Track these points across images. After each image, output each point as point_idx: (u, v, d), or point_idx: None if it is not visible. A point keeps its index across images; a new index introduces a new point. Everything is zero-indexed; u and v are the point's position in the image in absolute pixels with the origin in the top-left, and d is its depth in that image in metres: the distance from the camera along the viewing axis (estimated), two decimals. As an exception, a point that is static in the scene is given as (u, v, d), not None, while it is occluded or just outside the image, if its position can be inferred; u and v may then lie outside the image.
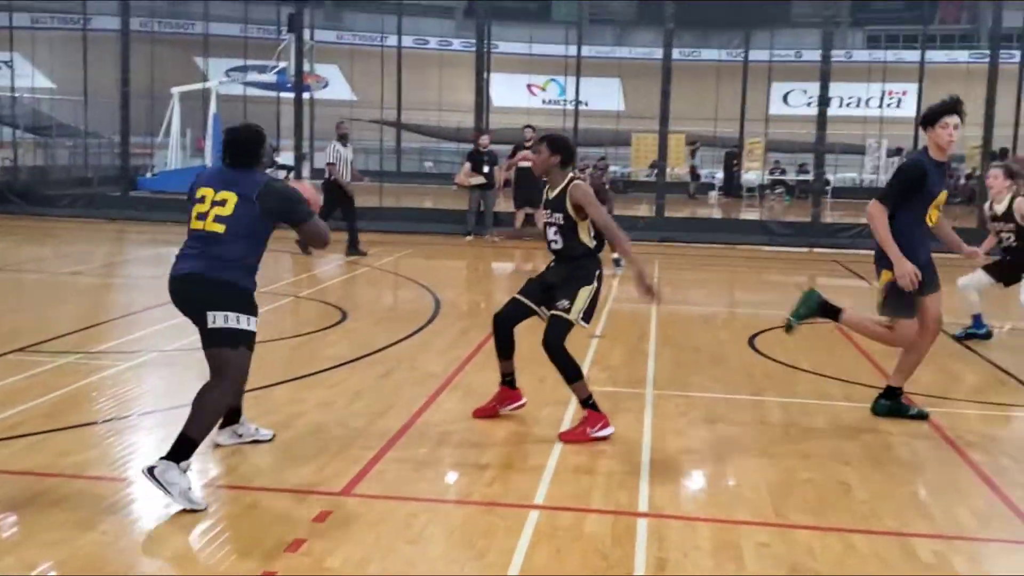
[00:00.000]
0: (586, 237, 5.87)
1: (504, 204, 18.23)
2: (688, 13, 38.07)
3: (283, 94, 28.74)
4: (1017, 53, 33.62)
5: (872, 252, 6.31)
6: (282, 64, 28.17)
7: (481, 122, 18.26)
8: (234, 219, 4.86)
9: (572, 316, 5.82)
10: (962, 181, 30.65)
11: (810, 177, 23.49)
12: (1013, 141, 31.95)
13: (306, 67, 29.15)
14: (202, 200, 4.94)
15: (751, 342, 8.85)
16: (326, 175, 14.47)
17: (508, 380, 6.24)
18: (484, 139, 16.74)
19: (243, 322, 4.91)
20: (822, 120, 18.00)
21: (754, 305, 11.75)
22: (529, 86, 42.47)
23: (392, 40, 36.96)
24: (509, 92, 41.72)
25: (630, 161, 35.83)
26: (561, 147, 5.95)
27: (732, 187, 31.40)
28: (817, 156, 18.78)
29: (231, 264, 4.89)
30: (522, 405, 6.28)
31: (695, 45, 43.55)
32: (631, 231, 17.64)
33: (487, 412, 6.21)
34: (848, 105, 42.09)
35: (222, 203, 4.89)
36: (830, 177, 33.27)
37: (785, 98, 43.88)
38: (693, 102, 36.55)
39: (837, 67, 40.55)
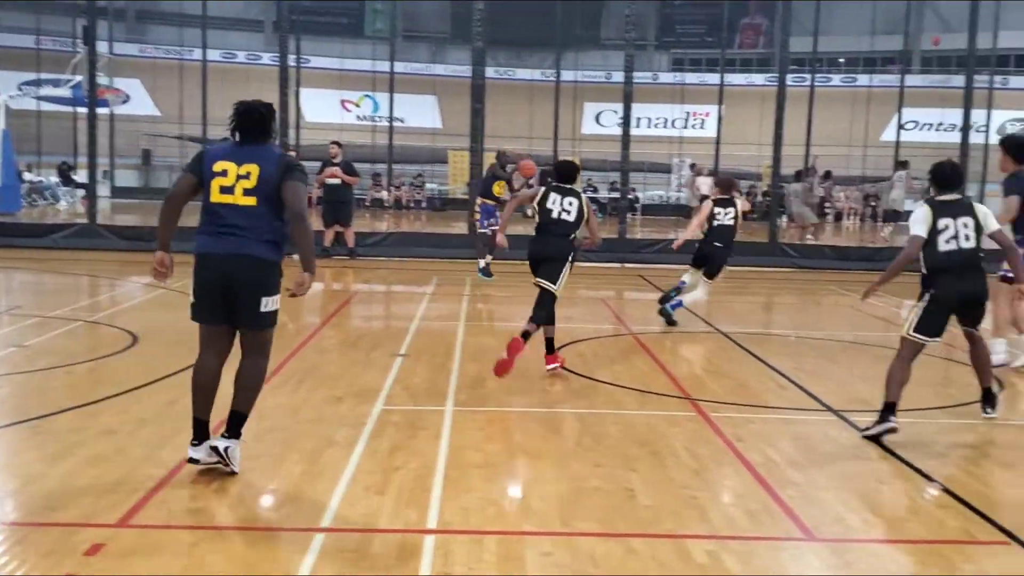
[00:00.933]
0: None
1: (315, 223, 17.95)
2: (501, 32, 38.78)
3: (80, 109, 27.40)
4: (808, 77, 35.85)
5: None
6: (77, 78, 26.84)
7: (287, 138, 17.93)
8: (261, 190, 5.05)
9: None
10: (758, 199, 32.39)
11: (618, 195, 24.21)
12: (804, 160, 33.99)
13: (104, 81, 27.93)
14: (224, 174, 5.07)
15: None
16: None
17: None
18: (289, 156, 16.46)
19: (278, 303, 5.26)
20: (626, 140, 18.56)
21: (560, 320, 11.93)
22: (343, 102, 42.08)
23: (198, 54, 35.89)
24: (323, 108, 41.25)
25: (447, 179, 36.10)
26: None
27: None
28: (623, 175, 19.38)
29: (271, 242, 5.12)
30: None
31: (509, 64, 44.36)
32: (446, 248, 17.72)
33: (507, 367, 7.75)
34: (656, 125, 43.78)
35: (247, 176, 5.07)
36: (639, 194, 34.56)
37: (597, 118, 45.21)
38: (508, 120, 37.15)
39: (644, 88, 42.23)
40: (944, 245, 6.56)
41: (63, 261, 16.13)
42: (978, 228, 6.61)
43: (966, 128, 18.72)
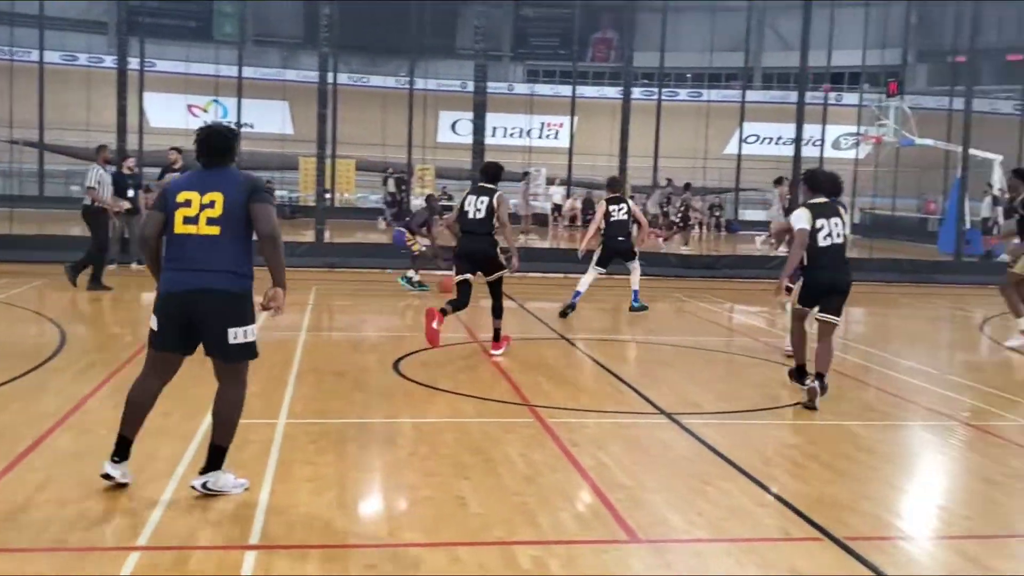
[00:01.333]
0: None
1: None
2: (355, 38, 38.44)
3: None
4: (655, 90, 36.91)
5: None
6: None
7: (124, 144, 17.27)
8: (226, 217, 4.96)
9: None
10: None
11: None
12: (653, 170, 34.95)
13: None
14: (188, 204, 4.99)
15: (396, 365, 8.94)
16: (86, 201, 13.82)
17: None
18: (130, 162, 15.90)
19: (254, 333, 5.15)
20: (478, 148, 18.66)
21: (406, 329, 11.90)
22: (190, 107, 40.86)
23: (35, 55, 34.30)
24: (168, 113, 39.97)
25: (298, 185, 35.50)
26: None
27: (402, 213, 31.84)
28: (428, 196, 19.40)
29: (237, 273, 5.03)
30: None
31: (363, 71, 44.01)
32: (292, 257, 17.38)
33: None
34: (511, 135, 44.17)
35: (211, 204, 4.97)
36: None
37: (453, 126, 45.31)
38: (361, 127, 36.85)
39: (499, 98, 42.55)
40: (822, 241, 7.81)
41: None
42: (844, 227, 7.92)
43: (798, 141, 19.57)
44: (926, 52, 47.25)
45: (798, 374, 8.34)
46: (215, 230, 4.98)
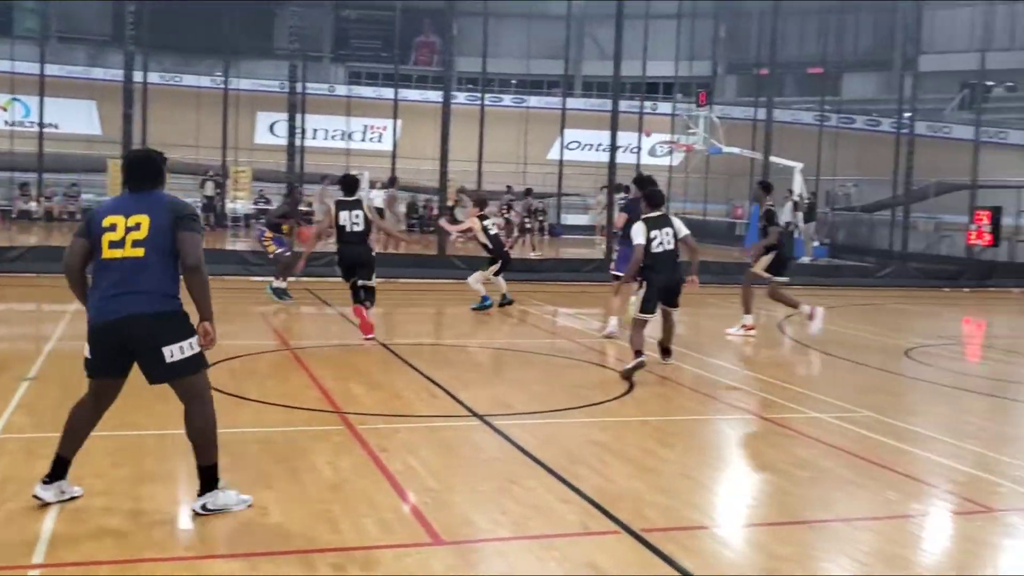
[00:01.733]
0: None
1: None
2: (167, 37, 37.06)
3: None
4: (506, 98, 37.26)
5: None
6: None
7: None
8: (151, 240, 4.91)
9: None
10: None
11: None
12: (478, 175, 35.21)
13: None
14: (113, 228, 4.94)
15: (203, 373, 8.67)
16: None
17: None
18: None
19: (194, 347, 5.06)
20: (292, 151, 18.34)
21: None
22: (-13, 106, 38.40)
23: None
24: (-38, 110, 37.46)
25: (107, 188, 33.93)
26: None
27: (216, 217, 30.97)
28: (289, 186, 19.05)
29: (165, 294, 4.97)
30: None
31: (176, 70, 42.48)
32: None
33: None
34: (333, 137, 43.59)
35: (136, 227, 4.93)
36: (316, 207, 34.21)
37: (272, 128, 44.30)
38: (174, 128, 35.54)
39: (320, 100, 41.92)
40: (656, 248, 9.36)
41: None
42: (675, 235, 9.48)
43: (613, 149, 20.18)
44: (734, 64, 49.55)
45: (635, 356, 9.29)
46: (140, 252, 4.92)
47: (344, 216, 10.93)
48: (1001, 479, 6.42)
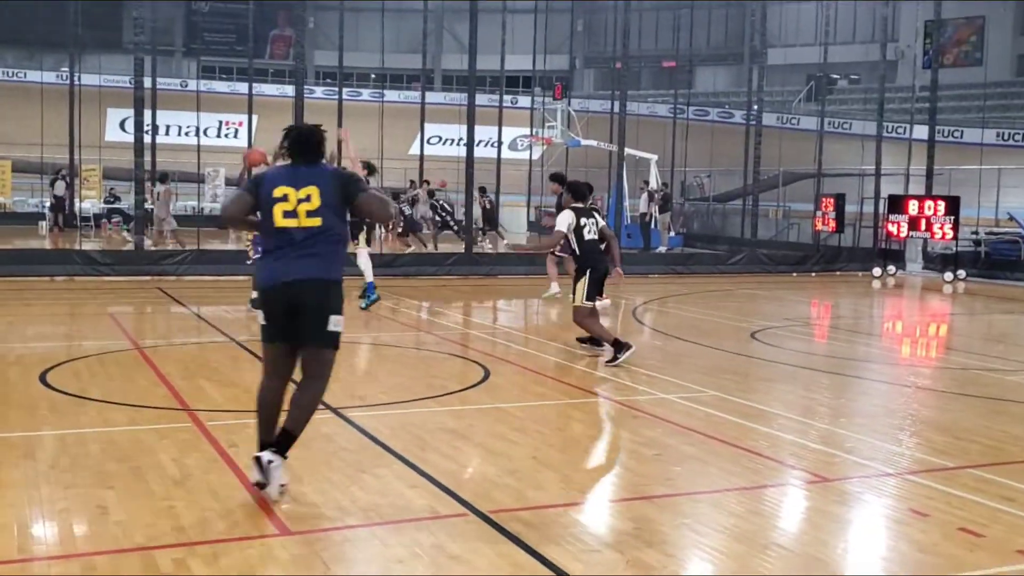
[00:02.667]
0: None
1: None
2: (7, 31, 35.42)
3: None
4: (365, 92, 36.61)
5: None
6: None
7: None
8: (323, 210, 5.15)
9: None
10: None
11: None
12: (382, 169, 34.79)
13: None
14: (285, 199, 5.15)
15: (43, 377, 8.37)
16: None
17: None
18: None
19: (342, 324, 5.30)
20: (140, 147, 17.81)
21: (57, 338, 11.12)
22: None
23: None
24: None
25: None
26: None
27: (65, 217, 29.76)
28: (137, 183, 18.51)
29: (338, 261, 5.29)
30: None
31: (20, 66, 40.63)
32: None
33: None
34: (187, 134, 42.40)
35: (307, 199, 5.16)
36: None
37: (122, 124, 42.82)
38: (19, 125, 34.01)
39: (172, 95, 40.74)
40: (588, 235, 9.77)
41: None
42: (598, 223, 9.89)
43: (471, 143, 20.30)
44: (591, 58, 50.48)
45: (617, 348, 9.67)
46: (316, 221, 5.17)
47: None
48: (836, 450, 6.79)
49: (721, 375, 9.58)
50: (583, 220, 9.80)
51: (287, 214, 5.19)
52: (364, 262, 13.51)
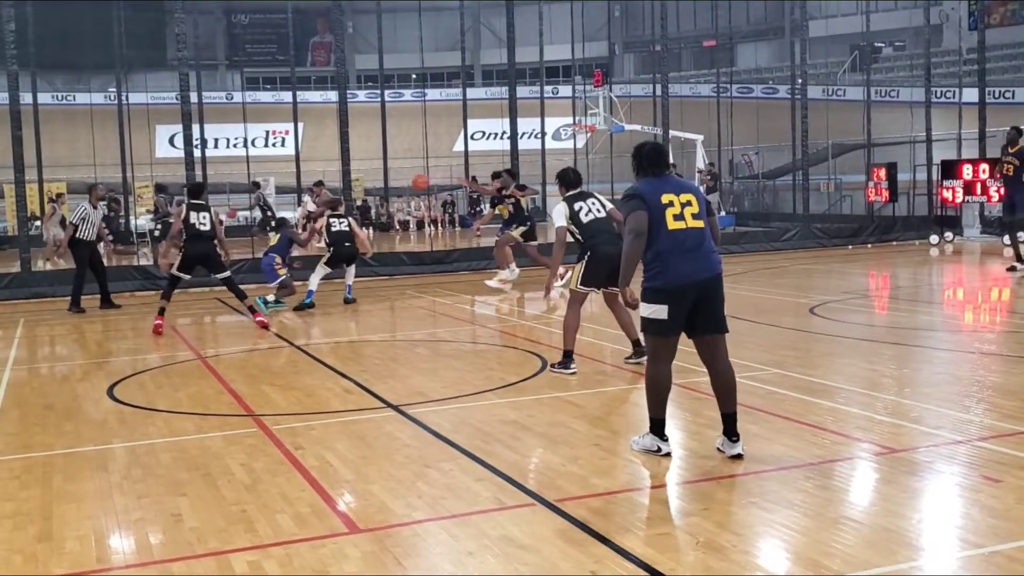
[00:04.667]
0: None
1: None
2: (55, 56, 36.10)
3: None
4: (407, 93, 36.83)
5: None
6: None
7: None
8: (703, 214, 5.81)
9: None
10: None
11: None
12: (384, 173, 35.06)
13: None
14: (671, 204, 5.72)
15: (111, 391, 8.55)
16: (71, 235, 14.83)
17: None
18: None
19: None
20: (190, 161, 18.08)
21: (121, 352, 11.34)
22: None
23: None
24: None
25: (4, 214, 33.01)
26: None
27: (117, 235, 30.25)
28: (189, 194, 18.75)
29: (720, 260, 5.90)
30: None
31: (69, 89, 41.43)
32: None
33: None
34: (235, 145, 42.96)
35: (688, 203, 5.76)
36: (223, 216, 33.73)
37: (172, 140, 43.51)
38: (70, 147, 34.69)
39: (220, 108, 41.25)
40: (586, 218, 8.75)
41: None
42: (603, 205, 8.95)
43: (514, 135, 20.30)
44: (631, 43, 50.16)
45: (566, 358, 8.77)
46: (700, 223, 5.77)
47: (194, 216, 12.42)
48: (903, 421, 6.70)
49: (781, 351, 9.48)
50: (577, 204, 8.83)
51: (676, 217, 5.73)
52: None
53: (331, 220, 14.68)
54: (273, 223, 15.07)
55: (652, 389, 5.99)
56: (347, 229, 14.64)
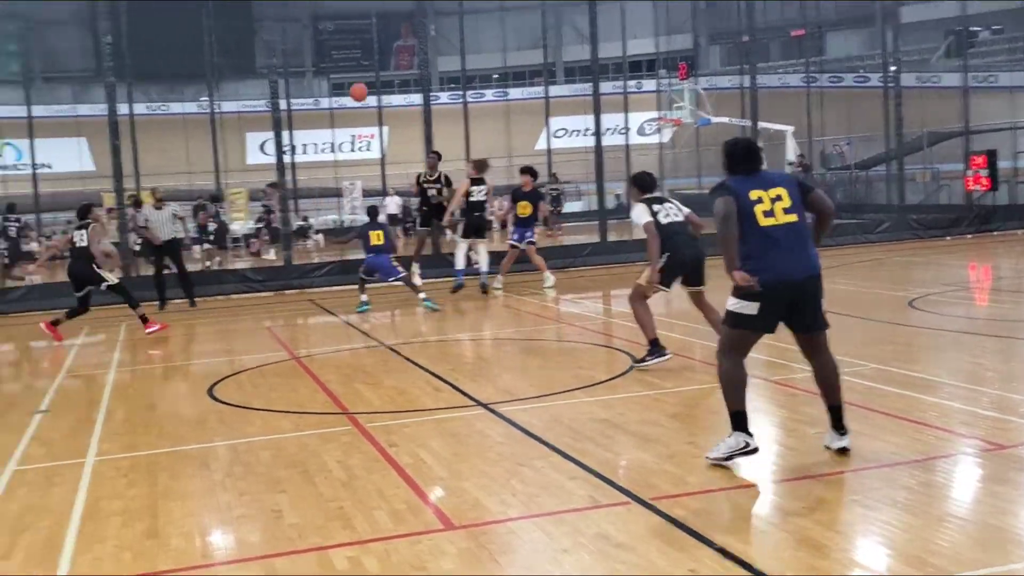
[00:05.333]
0: None
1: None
2: (149, 67, 37.17)
3: None
4: (488, 93, 36.75)
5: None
6: None
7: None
8: (795, 207, 5.60)
9: None
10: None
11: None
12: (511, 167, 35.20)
13: None
14: (760, 201, 5.57)
15: (210, 391, 8.76)
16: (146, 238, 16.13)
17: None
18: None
19: None
20: (281, 167, 18.46)
21: (219, 353, 11.62)
22: (-22, 150, 38.64)
23: None
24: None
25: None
26: None
27: (217, 239, 31.02)
28: (283, 201, 19.24)
29: (816, 253, 5.69)
30: None
31: (163, 99, 42.61)
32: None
33: None
34: (323, 151, 43.69)
35: (778, 198, 5.59)
36: (312, 220, 34.35)
37: (262, 147, 44.42)
38: (165, 156, 35.67)
39: (307, 114, 41.98)
40: (664, 220, 8.64)
41: None
42: (680, 209, 8.85)
43: (598, 132, 20.20)
44: (716, 34, 49.46)
45: (654, 347, 8.76)
46: (794, 217, 5.58)
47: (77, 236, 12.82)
48: (1011, 416, 6.47)
49: (880, 346, 9.25)
50: (655, 207, 8.74)
51: (767, 214, 5.59)
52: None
53: (472, 188, 15.05)
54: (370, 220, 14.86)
55: (729, 383, 5.79)
56: (484, 199, 15.08)
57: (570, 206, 37.88)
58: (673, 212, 8.79)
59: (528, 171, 15.96)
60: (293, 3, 43.53)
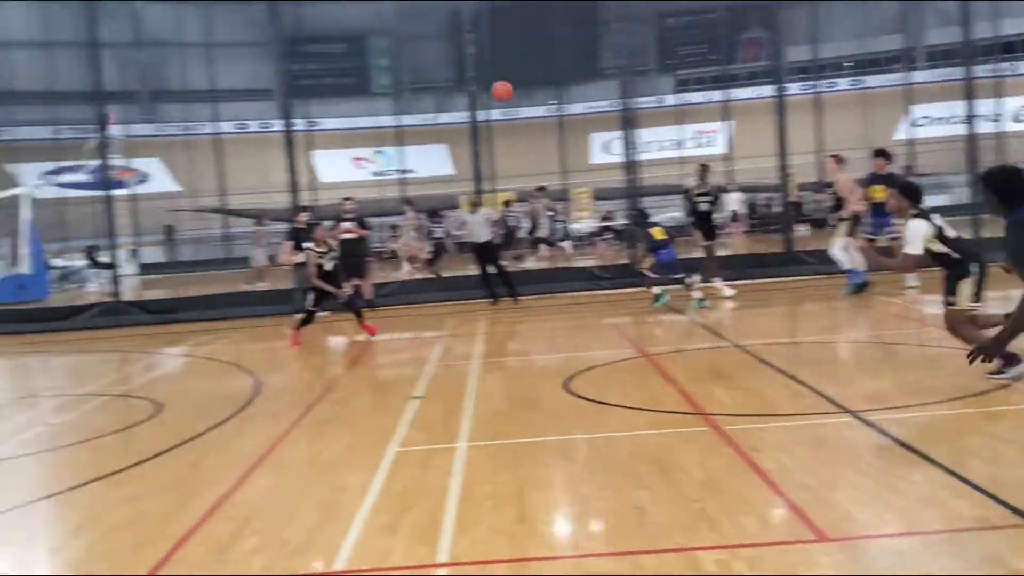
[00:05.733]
0: None
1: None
2: (503, 73, 39.10)
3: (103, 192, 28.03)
4: (841, 82, 35.56)
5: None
6: (94, 162, 27.44)
7: (297, 201, 18.07)
8: None
9: None
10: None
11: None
12: (818, 167, 33.87)
13: (121, 162, 28.45)
14: None
15: (566, 385, 9.02)
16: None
17: None
18: (302, 216, 16.68)
19: None
20: (630, 165, 18.68)
21: (569, 349, 11.89)
22: (355, 159, 42.57)
23: (209, 127, 36.59)
24: (336, 167, 41.72)
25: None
26: None
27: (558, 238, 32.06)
28: (630, 199, 19.46)
29: None
30: None
31: (514, 104, 44.67)
32: (458, 291, 17.66)
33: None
34: (665, 148, 43.81)
35: None
36: (657, 219, 34.54)
37: (607, 147, 45.36)
38: (517, 159, 37.37)
39: (650, 113, 42.27)
40: (951, 233, 8.05)
41: (89, 340, 16.39)
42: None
43: (971, 119, 18.62)
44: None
45: (1011, 358, 7.72)
46: None
47: None
48: None
49: None
50: (935, 219, 8.04)
51: None
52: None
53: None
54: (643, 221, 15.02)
55: None
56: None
57: (932, 200, 35.31)
58: (947, 227, 8.10)
59: (881, 154, 15.07)
60: (639, 3, 44.06)
